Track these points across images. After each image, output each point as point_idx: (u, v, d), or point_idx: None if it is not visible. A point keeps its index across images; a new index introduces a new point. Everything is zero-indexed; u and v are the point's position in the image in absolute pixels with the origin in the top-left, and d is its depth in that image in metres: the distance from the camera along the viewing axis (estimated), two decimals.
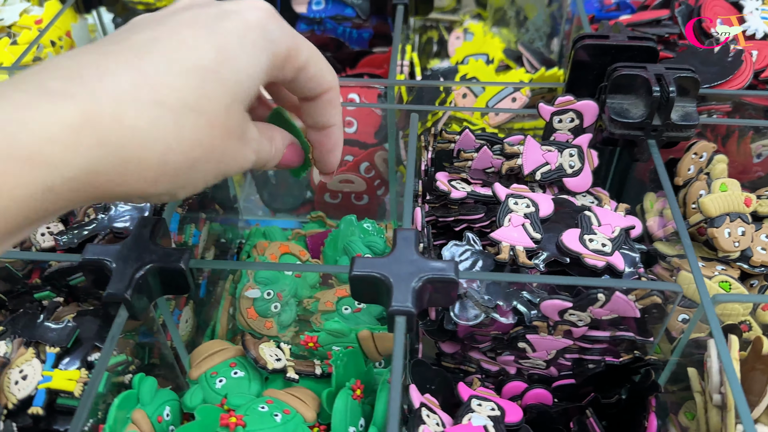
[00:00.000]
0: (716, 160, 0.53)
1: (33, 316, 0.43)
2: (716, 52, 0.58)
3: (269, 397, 0.41)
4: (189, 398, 0.42)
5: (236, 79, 0.30)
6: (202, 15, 0.31)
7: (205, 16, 0.31)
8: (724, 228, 0.47)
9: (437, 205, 0.52)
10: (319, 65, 0.34)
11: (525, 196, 0.49)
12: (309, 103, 0.36)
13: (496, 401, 0.45)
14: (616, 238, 0.46)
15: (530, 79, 0.64)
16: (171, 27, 0.30)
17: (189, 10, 0.31)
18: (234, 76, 0.29)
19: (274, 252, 0.57)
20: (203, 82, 0.28)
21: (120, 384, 0.42)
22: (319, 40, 0.74)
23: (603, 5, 0.72)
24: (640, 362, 0.45)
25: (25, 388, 0.38)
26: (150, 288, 0.40)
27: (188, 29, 0.30)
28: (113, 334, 0.38)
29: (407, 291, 0.38)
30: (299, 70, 0.33)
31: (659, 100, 0.48)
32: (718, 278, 0.46)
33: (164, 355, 0.48)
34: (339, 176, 0.66)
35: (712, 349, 0.39)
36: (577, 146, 0.51)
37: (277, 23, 0.32)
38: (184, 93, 0.28)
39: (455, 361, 0.51)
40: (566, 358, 0.48)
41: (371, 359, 0.47)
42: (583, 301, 0.42)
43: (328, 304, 0.53)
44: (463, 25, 0.81)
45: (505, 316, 0.45)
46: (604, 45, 0.51)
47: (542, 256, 0.46)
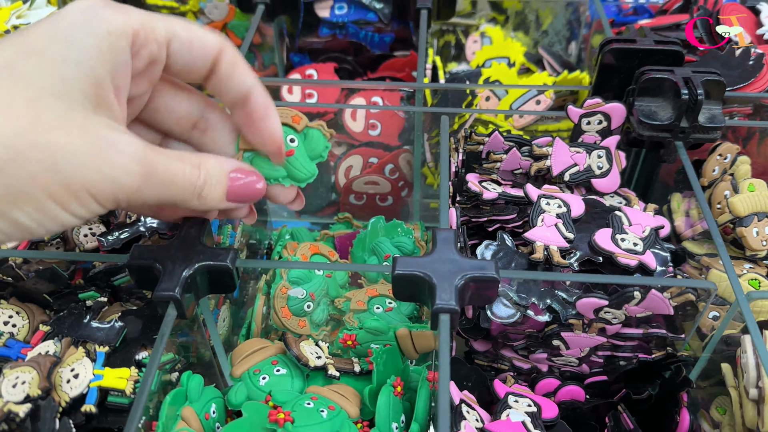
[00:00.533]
0: (740, 162, 0.54)
1: (79, 316, 0.43)
2: (737, 55, 0.59)
3: (314, 394, 0.42)
4: (234, 395, 0.43)
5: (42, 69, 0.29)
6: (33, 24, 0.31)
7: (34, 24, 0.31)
8: (752, 227, 0.48)
9: (468, 206, 0.53)
10: (191, 32, 0.34)
11: (556, 196, 0.50)
12: (214, 78, 0.36)
13: (531, 397, 0.46)
14: (647, 238, 0.47)
15: (553, 82, 0.65)
16: None
17: None
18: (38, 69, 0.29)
19: (305, 252, 0.58)
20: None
21: (167, 382, 0.42)
22: (339, 44, 0.75)
23: (621, 9, 0.74)
24: (673, 358, 0.46)
25: (78, 387, 0.39)
26: (197, 287, 0.41)
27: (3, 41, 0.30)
28: (163, 332, 0.39)
29: (450, 289, 0.39)
30: (165, 43, 0.33)
31: (687, 102, 0.49)
32: (747, 276, 0.47)
33: (202, 354, 0.49)
34: (364, 178, 0.67)
35: (747, 345, 0.40)
36: (605, 148, 0.52)
37: (106, 5, 0.31)
38: None
39: (488, 359, 0.51)
40: (598, 356, 0.49)
41: (408, 357, 0.48)
42: (619, 299, 0.43)
43: (360, 303, 0.54)
44: (479, 29, 0.82)
45: (539, 314, 0.46)
46: (631, 49, 0.52)
47: (576, 255, 0.47)
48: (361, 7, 0.72)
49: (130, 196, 0.31)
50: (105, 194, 0.30)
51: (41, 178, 0.28)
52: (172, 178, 0.33)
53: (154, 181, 0.32)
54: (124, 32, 0.31)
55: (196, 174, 0.34)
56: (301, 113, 0.40)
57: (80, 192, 0.29)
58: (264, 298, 0.55)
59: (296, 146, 0.40)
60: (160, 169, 0.32)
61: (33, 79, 0.28)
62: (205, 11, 0.77)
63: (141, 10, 0.33)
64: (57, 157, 0.28)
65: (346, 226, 0.65)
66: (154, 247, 0.41)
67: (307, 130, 0.40)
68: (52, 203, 0.29)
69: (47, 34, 0.30)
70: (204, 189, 0.35)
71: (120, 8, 0.32)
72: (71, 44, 0.29)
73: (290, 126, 0.40)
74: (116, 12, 0.31)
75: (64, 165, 0.28)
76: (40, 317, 0.44)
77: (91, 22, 0.30)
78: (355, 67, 0.75)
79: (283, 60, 0.77)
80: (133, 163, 0.30)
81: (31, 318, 0.44)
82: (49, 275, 0.45)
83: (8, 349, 0.42)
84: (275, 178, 0.40)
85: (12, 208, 0.28)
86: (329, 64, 0.74)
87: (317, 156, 0.41)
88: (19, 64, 0.28)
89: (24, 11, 0.73)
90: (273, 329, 0.54)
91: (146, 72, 0.34)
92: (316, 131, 0.41)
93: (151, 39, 0.33)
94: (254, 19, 0.67)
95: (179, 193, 0.33)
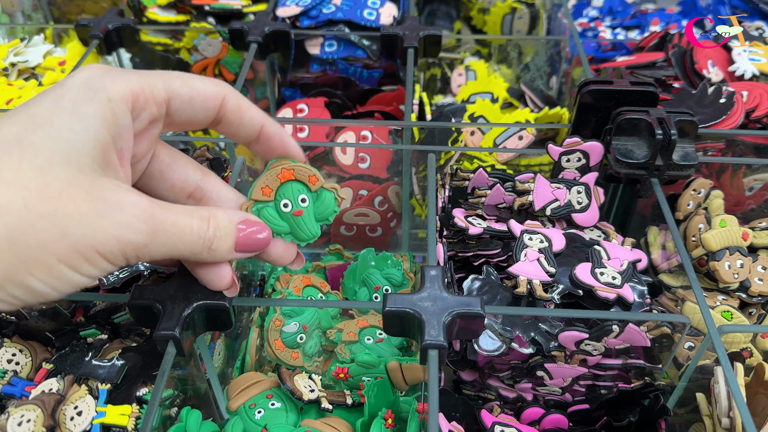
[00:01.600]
0: (713, 196, 0.56)
1: (81, 354, 0.45)
2: (710, 93, 0.62)
3: (308, 428, 0.44)
4: (230, 429, 0.44)
5: (51, 139, 0.30)
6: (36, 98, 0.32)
7: (36, 97, 0.32)
8: (724, 261, 0.50)
9: (455, 241, 0.55)
10: (190, 88, 0.36)
11: (539, 231, 0.52)
12: (222, 125, 0.38)
13: (517, 427, 0.48)
14: (624, 271, 0.50)
15: (535, 118, 0.68)
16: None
17: None
18: (47, 139, 0.30)
19: (297, 285, 0.59)
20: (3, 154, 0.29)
21: (167, 417, 0.44)
22: (329, 79, 0.78)
23: (600, 45, 0.77)
24: (651, 387, 0.48)
25: (81, 424, 0.40)
26: (195, 325, 0.43)
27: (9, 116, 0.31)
28: (164, 369, 0.41)
29: (439, 326, 0.40)
30: (164, 103, 0.35)
31: (662, 142, 0.52)
32: (720, 308, 0.50)
33: (198, 387, 0.50)
34: (354, 210, 0.69)
35: (719, 376, 0.43)
36: (584, 184, 0.55)
37: (104, 74, 0.33)
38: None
39: (475, 388, 0.53)
40: (580, 385, 0.51)
41: (398, 388, 0.50)
42: (598, 332, 0.45)
43: (351, 334, 0.55)
44: (464, 63, 0.85)
45: (523, 346, 0.48)
46: (608, 90, 0.55)
47: (557, 289, 0.49)
48: (350, 44, 0.75)
49: (138, 252, 0.32)
50: (114, 253, 0.31)
51: (52, 245, 0.29)
52: (179, 233, 0.34)
53: (161, 237, 0.33)
54: (124, 97, 0.33)
55: (205, 227, 0.35)
56: (318, 174, 0.41)
57: (90, 253, 0.30)
58: (258, 330, 0.57)
59: (306, 207, 0.41)
60: (167, 225, 0.33)
61: (42, 149, 0.30)
62: (198, 48, 0.79)
63: (140, 71, 0.35)
64: (65, 223, 0.29)
65: (336, 257, 0.67)
66: (154, 287, 0.42)
67: (320, 191, 0.41)
68: (64, 267, 0.30)
69: (53, 107, 0.31)
70: (213, 242, 0.35)
71: (119, 75, 0.34)
72: (76, 114, 0.31)
73: (305, 185, 0.41)
74: (115, 79, 0.33)
75: (73, 230, 0.29)
76: (42, 355, 0.46)
77: (92, 92, 0.32)
78: (345, 101, 0.77)
79: (275, 94, 0.79)
80: (138, 221, 0.31)
81: (34, 356, 0.46)
82: (51, 313, 0.46)
83: (13, 387, 0.43)
84: (278, 233, 0.41)
85: (26, 276, 0.29)
86: (319, 99, 0.76)
87: (323, 219, 0.41)
88: (27, 136, 0.30)
89: (21, 48, 0.75)
90: (267, 361, 0.56)
91: (147, 131, 0.36)
92: (329, 194, 0.41)
93: (151, 101, 0.34)
94: (248, 56, 0.69)
95: (188, 247, 0.34)
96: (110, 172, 0.32)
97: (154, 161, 0.39)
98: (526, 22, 0.89)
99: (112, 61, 0.77)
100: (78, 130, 0.31)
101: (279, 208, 0.41)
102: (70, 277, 0.30)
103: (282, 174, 0.40)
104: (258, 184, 0.41)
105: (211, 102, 0.37)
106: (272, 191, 0.40)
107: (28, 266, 0.29)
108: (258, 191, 0.40)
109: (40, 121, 0.31)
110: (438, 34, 0.70)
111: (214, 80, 0.37)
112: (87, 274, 0.31)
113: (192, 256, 0.36)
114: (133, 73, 0.34)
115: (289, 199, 0.41)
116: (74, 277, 0.31)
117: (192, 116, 0.37)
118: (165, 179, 0.39)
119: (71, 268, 0.30)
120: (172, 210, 0.34)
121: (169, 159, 0.40)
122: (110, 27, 0.72)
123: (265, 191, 0.40)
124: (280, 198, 0.41)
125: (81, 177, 0.30)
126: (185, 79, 0.36)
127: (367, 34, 0.75)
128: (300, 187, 0.41)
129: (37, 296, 0.30)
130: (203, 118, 0.37)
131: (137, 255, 0.32)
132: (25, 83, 0.71)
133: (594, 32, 0.85)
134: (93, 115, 0.31)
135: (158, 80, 0.35)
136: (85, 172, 0.31)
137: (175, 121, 0.37)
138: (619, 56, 0.75)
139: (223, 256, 0.37)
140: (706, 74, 0.67)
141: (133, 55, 0.80)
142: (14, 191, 0.28)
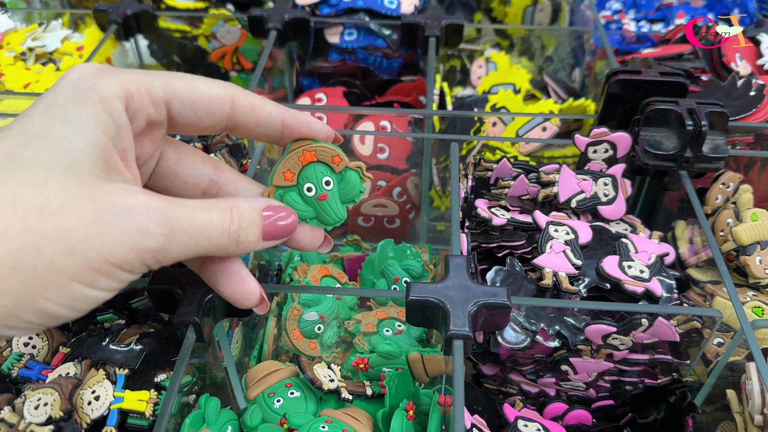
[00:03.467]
0: (742, 190, 0.55)
1: (98, 338, 0.44)
2: (739, 86, 0.60)
3: (328, 417, 0.43)
4: (249, 418, 0.44)
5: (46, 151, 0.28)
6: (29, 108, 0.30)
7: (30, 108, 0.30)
8: (755, 256, 0.49)
9: (478, 232, 0.54)
10: (193, 90, 0.33)
11: (564, 223, 0.51)
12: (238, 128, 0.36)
13: (540, 422, 0.47)
14: (653, 265, 0.48)
15: (559, 109, 0.67)
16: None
17: None
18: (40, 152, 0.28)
19: (315, 275, 0.59)
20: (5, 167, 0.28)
21: (185, 404, 0.43)
22: (348, 69, 0.77)
23: (624, 38, 0.75)
24: (678, 384, 0.47)
25: (98, 409, 0.40)
26: (215, 311, 0.42)
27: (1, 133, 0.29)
28: (183, 355, 0.40)
29: (464, 316, 0.39)
30: (163, 104, 0.33)
31: (692, 133, 0.50)
32: (751, 303, 0.49)
33: (215, 375, 0.49)
34: (372, 201, 0.68)
35: (752, 372, 0.41)
36: (611, 176, 0.54)
37: (96, 73, 0.31)
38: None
39: (496, 383, 0.52)
40: (605, 380, 0.50)
41: (419, 380, 0.49)
42: (626, 326, 0.44)
43: (370, 326, 0.55)
44: (484, 54, 0.84)
45: (548, 339, 0.47)
46: (636, 80, 0.54)
47: (584, 282, 0.48)
48: (370, 33, 0.74)
49: (156, 256, 0.30)
50: (130, 262, 0.29)
51: (60, 264, 0.27)
52: (200, 230, 0.31)
53: (180, 237, 0.30)
54: (116, 96, 0.31)
55: (228, 219, 0.33)
56: (342, 153, 0.39)
57: (103, 266, 0.28)
58: (275, 320, 0.56)
59: (330, 189, 0.39)
60: (184, 223, 0.30)
61: (36, 163, 0.28)
62: (217, 35, 0.78)
63: (136, 70, 0.33)
64: (71, 239, 0.27)
65: (354, 248, 0.66)
66: (174, 271, 0.42)
67: (345, 171, 0.39)
68: (77, 285, 0.28)
69: (44, 117, 0.29)
70: (240, 233, 0.33)
71: (111, 73, 0.31)
72: (68, 121, 0.29)
73: (329, 166, 0.39)
74: (106, 78, 0.31)
75: (80, 245, 0.27)
76: (59, 339, 0.45)
77: (82, 93, 0.30)
78: (363, 91, 0.76)
79: (293, 83, 0.79)
80: (151, 224, 0.29)
81: (51, 340, 0.45)
82: None
83: (29, 371, 0.43)
84: (303, 218, 0.39)
85: (38, 300, 0.27)
86: (338, 88, 0.75)
87: (350, 200, 0.40)
88: (20, 152, 0.28)
89: (39, 33, 0.75)
90: (284, 351, 0.55)
91: (148, 133, 0.34)
92: (354, 174, 0.39)
93: (147, 101, 0.32)
94: (267, 44, 0.68)
95: (212, 243, 0.32)
96: (114, 175, 0.30)
97: (161, 160, 0.37)
98: (548, 14, 0.88)
99: (130, 47, 0.76)
100: (72, 137, 0.29)
101: (302, 192, 0.39)
102: (85, 295, 0.29)
103: (303, 156, 0.38)
104: (279, 168, 0.39)
105: (217, 106, 0.34)
106: (294, 175, 0.38)
107: (39, 290, 0.27)
108: (279, 176, 0.38)
109: (33, 134, 0.29)
110: (460, 23, 0.69)
111: (222, 82, 0.35)
112: (105, 288, 0.29)
113: (219, 252, 0.33)
114: (127, 72, 0.32)
115: (312, 183, 0.39)
116: (90, 294, 0.29)
117: (196, 120, 0.34)
118: (176, 177, 0.37)
119: (86, 284, 0.28)
120: (189, 206, 0.31)
121: (177, 156, 0.38)
122: (128, 12, 0.72)
123: (286, 176, 0.38)
124: (303, 182, 0.39)
125: (82, 187, 0.28)
126: (188, 80, 0.34)
127: (388, 22, 0.74)
128: (323, 169, 0.39)
129: (54, 319, 0.29)
130: (210, 123, 0.35)
131: (157, 259, 0.30)
132: (43, 68, 0.70)
133: (618, 25, 0.84)
134: (86, 118, 0.29)
135: (157, 80, 0.33)
136: (87, 181, 0.28)
137: (179, 124, 0.34)
138: (643, 49, 0.74)
139: (252, 246, 0.35)
140: (734, 67, 0.65)
141: (150, 41, 0.79)
142: (12, 213, 0.27)
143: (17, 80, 0.68)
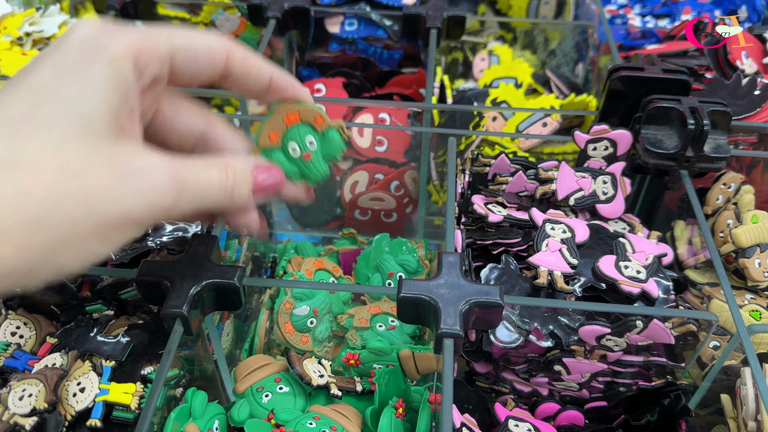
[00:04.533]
0: (743, 191, 0.54)
1: (86, 329, 0.44)
2: (743, 85, 0.59)
3: (316, 413, 0.42)
4: (236, 412, 0.43)
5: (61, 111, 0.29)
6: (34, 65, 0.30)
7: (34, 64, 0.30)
8: (754, 258, 0.48)
9: (473, 228, 0.53)
10: (194, 43, 0.35)
11: (561, 221, 0.50)
12: (230, 79, 0.37)
13: (531, 422, 0.46)
14: (650, 266, 0.48)
15: (560, 105, 0.66)
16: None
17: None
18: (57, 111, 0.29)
19: (309, 268, 0.58)
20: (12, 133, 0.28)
21: (172, 397, 0.43)
22: (348, 60, 0.76)
23: (629, 33, 0.74)
24: (672, 386, 0.46)
25: (83, 401, 0.39)
26: (204, 303, 0.41)
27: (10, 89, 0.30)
28: (170, 348, 0.39)
29: (455, 314, 0.39)
30: (167, 59, 0.34)
31: (693, 132, 0.49)
32: (748, 307, 0.48)
33: (205, 368, 0.49)
34: (370, 194, 0.68)
35: (747, 378, 0.41)
36: (610, 174, 0.53)
37: (103, 31, 0.31)
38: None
39: (488, 381, 0.52)
40: (599, 381, 0.49)
41: (410, 377, 0.49)
42: (621, 327, 0.44)
43: (363, 321, 0.54)
44: (487, 47, 0.83)
45: (541, 339, 0.46)
46: (639, 77, 0.53)
47: (580, 281, 0.47)
48: (371, 23, 0.73)
49: (167, 213, 0.32)
50: (144, 218, 0.31)
51: (81, 222, 0.28)
52: (203, 188, 0.33)
53: (187, 195, 0.32)
54: (127, 55, 0.31)
55: (224, 178, 0.35)
56: (324, 113, 0.40)
57: (118, 223, 0.30)
58: (267, 313, 0.56)
59: (314, 149, 0.40)
60: (190, 181, 0.33)
61: (54, 123, 0.28)
62: (216, 23, 0.77)
63: (140, 28, 0.33)
64: (91, 199, 0.29)
65: (350, 242, 0.66)
66: (163, 263, 0.41)
67: (327, 130, 0.40)
68: (92, 242, 0.29)
69: (56, 75, 0.30)
70: (234, 190, 0.35)
71: (118, 31, 0.32)
72: (82, 80, 0.30)
73: (312, 126, 0.40)
74: (115, 36, 0.31)
75: (99, 204, 0.29)
76: (47, 329, 0.45)
77: (94, 52, 0.30)
78: (363, 83, 0.75)
79: (292, 73, 0.78)
80: (164, 183, 0.31)
81: (39, 329, 0.45)
82: (57, 287, 0.45)
83: (15, 361, 0.42)
84: (289, 177, 0.40)
85: (56, 257, 0.28)
86: (338, 79, 0.74)
87: (331, 157, 0.41)
88: (36, 111, 0.29)
89: (37, 18, 0.74)
90: (275, 344, 0.54)
91: (151, 89, 0.34)
92: (335, 132, 0.41)
93: (154, 57, 0.33)
94: (266, 33, 0.68)
95: (212, 200, 0.34)
96: (125, 136, 0.31)
97: (157, 113, 0.38)
98: (552, 8, 0.87)
99: None
100: (87, 97, 0.30)
101: (287, 152, 0.40)
102: (96, 251, 0.30)
103: (288, 118, 0.40)
104: (264, 129, 0.40)
105: (216, 56, 0.36)
106: (279, 136, 0.40)
107: (58, 248, 0.28)
108: (265, 137, 0.40)
109: (46, 92, 0.29)
110: (462, 15, 0.68)
111: (217, 35, 0.36)
112: (114, 243, 0.31)
113: (215, 206, 0.35)
114: (133, 29, 0.33)
115: (297, 143, 0.40)
116: (99, 250, 0.30)
117: (197, 72, 0.35)
118: (170, 132, 0.38)
119: (99, 241, 0.30)
120: (194, 165, 0.33)
121: (173, 110, 0.38)
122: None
123: (272, 137, 0.40)
124: (288, 142, 0.40)
125: (99, 147, 0.29)
126: (188, 34, 0.35)
127: (389, 13, 0.73)
128: (307, 129, 0.40)
129: (64, 274, 0.30)
130: (209, 73, 0.36)
131: (167, 215, 0.32)
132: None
133: (623, 20, 0.82)
134: (99, 78, 0.30)
135: (160, 35, 0.33)
136: (102, 142, 0.30)
137: (180, 76, 0.35)
138: (648, 44, 0.73)
139: (244, 202, 0.37)
140: (740, 65, 0.64)
141: None
142: (35, 174, 0.27)
143: (13, 65, 0.67)
